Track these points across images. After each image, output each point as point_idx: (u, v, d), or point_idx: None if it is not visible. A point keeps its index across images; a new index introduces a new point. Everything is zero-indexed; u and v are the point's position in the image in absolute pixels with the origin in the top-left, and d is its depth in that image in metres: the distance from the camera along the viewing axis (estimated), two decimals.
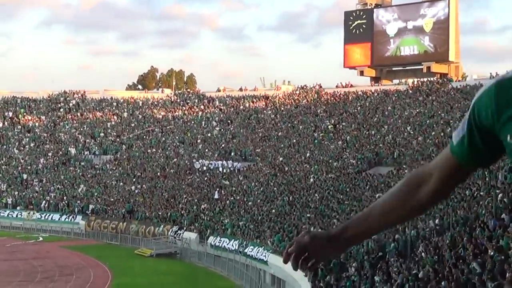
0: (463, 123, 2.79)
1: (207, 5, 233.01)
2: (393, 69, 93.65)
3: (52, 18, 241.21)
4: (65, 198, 73.39)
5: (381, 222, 3.13)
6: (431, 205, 3.02)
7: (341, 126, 78.16)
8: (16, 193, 75.96)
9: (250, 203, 61.58)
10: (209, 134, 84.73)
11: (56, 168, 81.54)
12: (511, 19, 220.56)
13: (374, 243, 37.82)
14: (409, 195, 2.99)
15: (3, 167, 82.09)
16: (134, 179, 76.40)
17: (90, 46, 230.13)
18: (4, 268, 50.53)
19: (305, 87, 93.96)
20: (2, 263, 52.34)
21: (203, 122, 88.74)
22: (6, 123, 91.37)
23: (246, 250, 51.40)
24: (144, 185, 74.12)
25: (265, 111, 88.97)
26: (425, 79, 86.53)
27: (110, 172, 79.69)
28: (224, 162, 75.64)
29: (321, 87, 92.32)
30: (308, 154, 72.14)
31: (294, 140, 77.41)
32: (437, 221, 38.57)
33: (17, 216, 72.30)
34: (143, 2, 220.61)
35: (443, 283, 25.73)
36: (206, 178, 73.04)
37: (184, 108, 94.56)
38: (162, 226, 63.38)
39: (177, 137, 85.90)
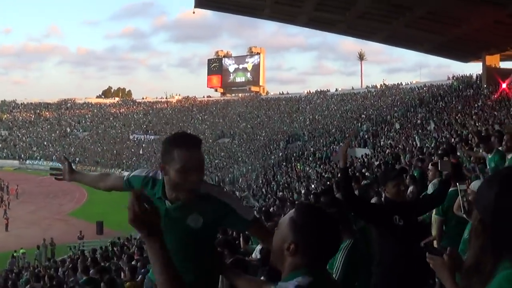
0: (142, 172, 2.90)
1: (139, 52, 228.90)
2: (232, 88, 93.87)
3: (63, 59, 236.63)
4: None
5: (87, 184, 3.28)
6: (105, 191, 3.17)
7: (205, 117, 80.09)
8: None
9: None
10: (134, 116, 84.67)
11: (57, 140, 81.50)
12: (293, 64, 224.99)
13: None
14: (98, 183, 3.14)
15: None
16: (100, 142, 77.13)
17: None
18: (36, 190, 50.70)
19: (188, 97, 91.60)
20: (35, 188, 51.95)
21: (134, 114, 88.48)
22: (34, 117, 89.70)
23: None
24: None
25: (168, 108, 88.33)
26: (248, 94, 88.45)
27: (82, 139, 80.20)
28: (145, 136, 76.23)
29: (195, 97, 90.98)
30: (191, 130, 74.04)
31: (180, 119, 78.91)
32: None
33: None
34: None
35: None
36: (136, 146, 73.33)
37: (124, 107, 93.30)
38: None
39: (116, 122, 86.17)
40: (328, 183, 20.87)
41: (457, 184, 4.35)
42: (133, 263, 10.78)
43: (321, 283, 1.83)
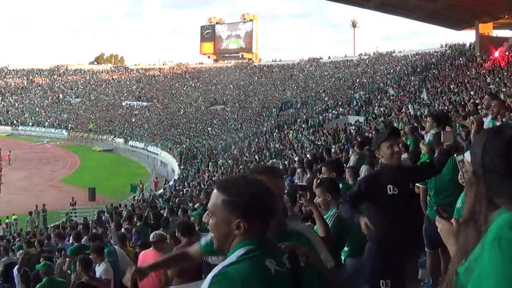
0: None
1: (133, 19, 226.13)
2: (225, 55, 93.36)
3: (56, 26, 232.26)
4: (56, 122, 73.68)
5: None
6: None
7: (198, 84, 79.55)
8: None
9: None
10: (127, 82, 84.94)
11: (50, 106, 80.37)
12: (286, 31, 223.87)
13: None
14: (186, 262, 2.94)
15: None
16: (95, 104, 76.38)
17: None
18: (29, 157, 51.15)
19: (181, 64, 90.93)
20: (28, 154, 52.56)
21: (127, 81, 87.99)
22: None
23: (148, 148, 52.28)
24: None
25: (161, 75, 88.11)
26: (241, 61, 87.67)
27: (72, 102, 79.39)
28: (137, 102, 75.69)
29: (188, 64, 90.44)
30: (184, 97, 74.31)
31: (173, 86, 79.01)
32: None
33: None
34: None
35: None
36: (128, 113, 72.91)
37: (117, 73, 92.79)
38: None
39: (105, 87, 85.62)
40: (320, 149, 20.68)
41: (455, 155, 4.21)
42: (122, 230, 10.67)
43: (263, 248, 1.87)
